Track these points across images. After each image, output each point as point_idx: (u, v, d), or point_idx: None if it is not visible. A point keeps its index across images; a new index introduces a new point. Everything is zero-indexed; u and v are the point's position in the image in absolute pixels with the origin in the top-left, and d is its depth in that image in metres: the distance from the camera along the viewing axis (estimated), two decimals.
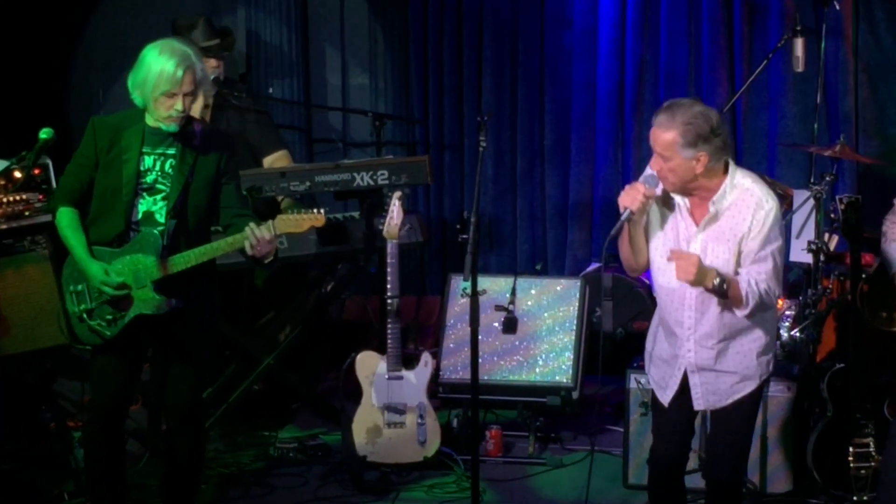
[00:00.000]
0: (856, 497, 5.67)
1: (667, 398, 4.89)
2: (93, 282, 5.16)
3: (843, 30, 7.45)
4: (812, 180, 6.71)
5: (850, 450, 5.67)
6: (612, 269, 7.03)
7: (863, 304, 5.87)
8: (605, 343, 7.25)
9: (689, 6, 7.83)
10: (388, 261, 6.27)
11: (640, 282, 7.28)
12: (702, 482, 5.19)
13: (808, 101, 7.45)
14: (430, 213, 8.43)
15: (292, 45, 8.40)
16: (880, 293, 5.95)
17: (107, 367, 5.33)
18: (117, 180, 5.19)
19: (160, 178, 5.22)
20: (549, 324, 6.71)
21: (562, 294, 6.77)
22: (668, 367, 4.88)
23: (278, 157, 7.18)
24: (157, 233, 5.18)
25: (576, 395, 6.61)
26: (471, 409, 5.87)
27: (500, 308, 6.67)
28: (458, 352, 6.69)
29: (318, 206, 5.44)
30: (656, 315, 4.97)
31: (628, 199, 4.61)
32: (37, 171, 6.11)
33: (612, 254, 4.81)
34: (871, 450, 5.63)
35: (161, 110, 5.12)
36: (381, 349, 6.36)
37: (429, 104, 8.37)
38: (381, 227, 6.35)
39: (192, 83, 5.12)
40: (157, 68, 5.08)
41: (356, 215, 6.89)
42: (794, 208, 6.66)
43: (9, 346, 6.04)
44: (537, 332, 6.70)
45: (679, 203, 4.71)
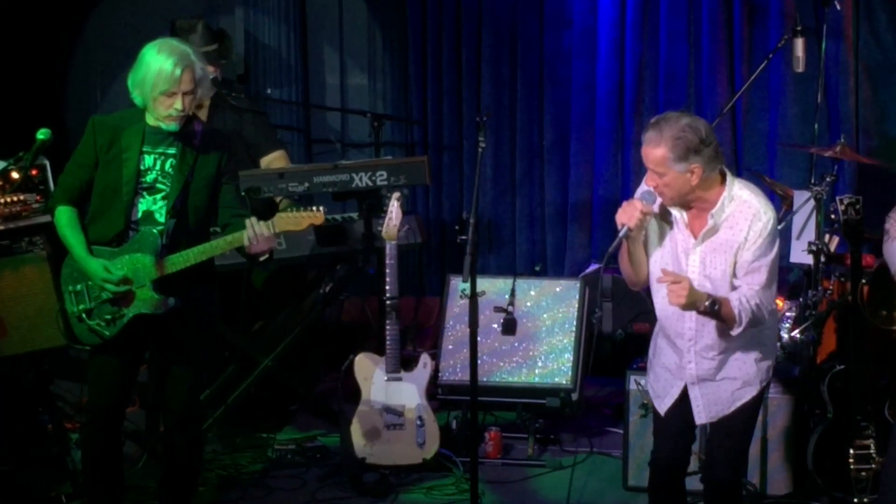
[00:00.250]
0: (856, 499, 5.66)
1: (664, 407, 4.89)
2: (94, 279, 5.15)
3: (843, 30, 7.44)
4: (812, 181, 6.69)
5: (851, 451, 5.65)
6: (611, 271, 7.00)
7: (863, 303, 5.86)
8: (605, 344, 7.26)
9: (689, 6, 7.81)
10: (387, 262, 6.26)
11: None
12: (701, 484, 5.17)
13: (809, 101, 7.43)
14: (428, 214, 8.41)
15: (290, 46, 8.38)
16: (881, 293, 5.94)
17: (105, 368, 5.32)
18: (117, 179, 5.18)
19: (160, 178, 5.21)
20: (549, 325, 6.70)
21: (561, 295, 6.76)
22: (670, 377, 4.88)
23: (276, 158, 7.16)
24: (156, 232, 5.18)
25: (575, 396, 6.60)
26: (470, 411, 5.85)
27: (499, 309, 6.65)
28: (457, 353, 6.67)
29: (316, 206, 5.43)
30: (658, 325, 4.96)
31: (625, 217, 4.60)
32: (34, 172, 6.09)
33: (611, 255, 4.79)
34: (872, 451, 5.62)
35: (161, 109, 5.11)
36: (380, 351, 6.35)
37: (427, 105, 8.35)
38: (379, 228, 6.34)
39: (192, 82, 5.11)
40: (155, 67, 5.06)
41: (355, 216, 6.88)
42: (795, 209, 6.64)
43: (6, 347, 6.04)
44: (536, 333, 6.69)
45: (676, 216, 4.70)
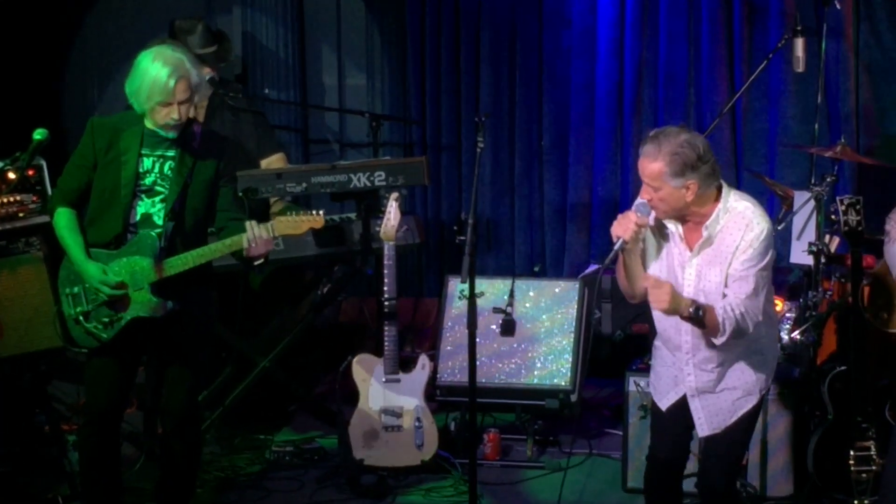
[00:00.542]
0: (857, 501, 5.64)
1: (665, 405, 4.89)
2: (90, 282, 5.14)
3: (843, 29, 7.43)
4: (813, 181, 6.67)
5: (851, 453, 5.63)
6: (611, 272, 6.98)
7: (864, 304, 5.85)
8: (604, 345, 7.25)
9: (689, 6, 7.80)
10: (385, 262, 6.25)
11: None
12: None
13: (809, 101, 7.42)
14: (427, 215, 8.39)
15: (288, 46, 8.37)
16: (882, 294, 5.92)
17: (102, 370, 5.32)
18: (116, 182, 5.17)
19: (159, 180, 5.20)
20: (548, 326, 6.68)
21: (560, 296, 6.74)
22: (669, 382, 4.88)
23: (275, 160, 7.16)
24: (154, 235, 5.17)
25: (574, 397, 6.58)
26: (468, 413, 5.84)
27: (498, 310, 6.63)
28: (455, 354, 6.65)
29: (314, 209, 5.41)
30: (659, 331, 4.94)
31: (621, 229, 4.57)
32: (31, 173, 6.08)
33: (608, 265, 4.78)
34: (873, 453, 5.60)
35: (158, 118, 5.12)
36: (378, 352, 6.33)
37: (426, 104, 8.33)
38: (377, 229, 6.32)
39: (187, 91, 5.09)
40: (149, 78, 5.06)
41: (353, 217, 6.86)
42: (795, 210, 6.62)
43: (3, 348, 6.03)
44: (535, 334, 6.67)
45: (672, 230, 4.69)
